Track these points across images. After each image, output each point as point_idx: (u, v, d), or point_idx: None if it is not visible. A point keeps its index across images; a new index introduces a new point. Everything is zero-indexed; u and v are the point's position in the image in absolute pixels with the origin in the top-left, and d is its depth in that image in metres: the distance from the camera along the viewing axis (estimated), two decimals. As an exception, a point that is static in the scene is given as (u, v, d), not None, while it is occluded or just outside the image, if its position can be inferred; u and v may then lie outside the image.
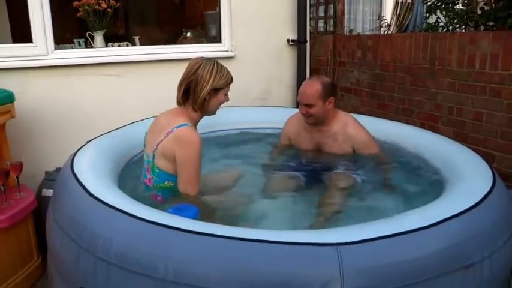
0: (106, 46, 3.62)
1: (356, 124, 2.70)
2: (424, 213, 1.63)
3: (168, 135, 2.08)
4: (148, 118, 2.76)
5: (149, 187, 2.21)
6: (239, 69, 3.81)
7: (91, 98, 3.33)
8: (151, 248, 1.47)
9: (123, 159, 2.50)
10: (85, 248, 1.59)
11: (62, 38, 3.66)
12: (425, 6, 4.88)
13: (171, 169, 2.12)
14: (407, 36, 3.60)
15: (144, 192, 2.21)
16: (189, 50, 3.71)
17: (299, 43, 4.00)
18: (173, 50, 3.66)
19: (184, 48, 3.78)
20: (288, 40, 4.03)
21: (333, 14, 6.79)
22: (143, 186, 2.24)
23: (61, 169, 2.22)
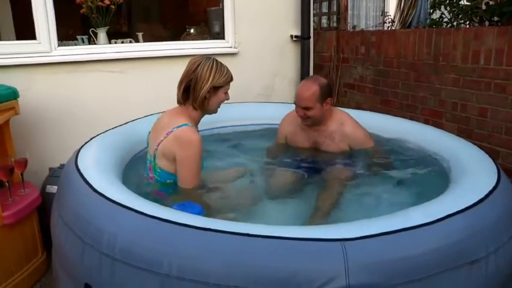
0: (109, 43, 3.62)
1: (352, 122, 2.68)
2: (429, 209, 1.62)
3: (168, 135, 2.10)
4: (152, 114, 2.77)
5: (152, 184, 2.22)
6: (242, 65, 3.83)
7: (94, 95, 3.33)
8: (155, 244, 1.47)
9: (127, 155, 2.50)
10: (90, 244, 1.59)
11: (66, 35, 3.65)
12: (429, 1, 4.85)
13: (172, 169, 2.13)
14: (411, 32, 3.59)
15: (147, 188, 2.22)
16: (193, 47, 3.71)
17: (302, 39, 3.99)
18: (176, 47, 3.65)
19: (187, 44, 3.77)
20: (292, 36, 4.02)
21: (336, 10, 6.80)
22: (146, 182, 2.26)
23: (65, 165, 2.22)
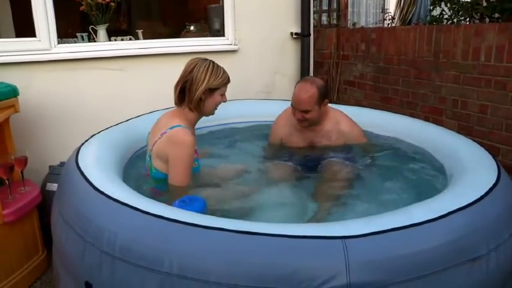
0: (109, 40, 3.61)
1: (348, 120, 2.69)
2: (430, 206, 1.62)
3: (162, 136, 2.13)
4: (152, 112, 2.77)
5: (148, 181, 2.26)
6: (243, 62, 3.83)
7: (94, 92, 3.32)
8: (156, 242, 1.47)
9: (127, 152, 2.50)
10: (90, 242, 1.59)
11: (65, 33, 3.65)
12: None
13: (166, 169, 2.15)
14: (411, 29, 3.58)
15: (144, 185, 2.24)
16: (192, 44, 3.70)
17: (303, 36, 3.98)
18: (176, 44, 3.64)
19: (187, 41, 3.76)
20: (292, 33, 4.01)
21: (337, 7, 6.77)
22: (143, 180, 2.29)
23: (66, 163, 2.22)
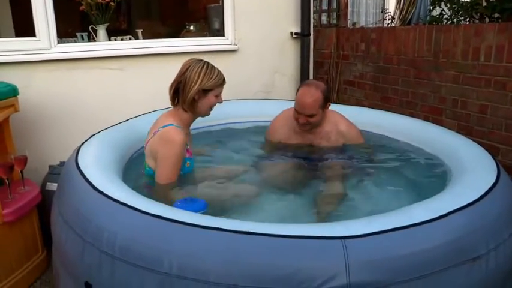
0: (109, 40, 3.61)
1: (345, 121, 2.72)
2: (429, 206, 1.62)
3: (155, 135, 2.16)
4: (152, 112, 2.77)
5: (142, 177, 2.30)
6: (242, 62, 3.83)
7: (94, 92, 3.32)
8: (155, 242, 1.47)
9: (127, 152, 2.50)
10: (90, 242, 1.58)
11: (65, 32, 3.65)
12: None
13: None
14: (411, 29, 3.58)
15: (140, 182, 2.27)
16: (192, 44, 3.70)
17: (302, 36, 3.98)
18: (176, 44, 3.64)
19: (187, 41, 3.76)
20: (292, 33, 4.01)
21: (336, 7, 6.77)
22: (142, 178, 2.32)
23: (65, 163, 2.22)
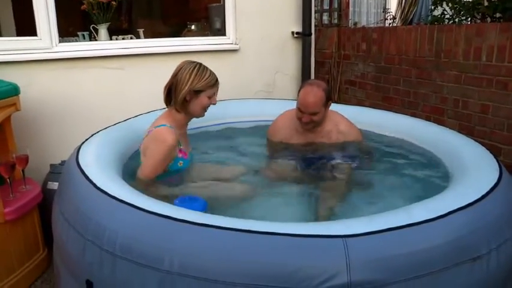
0: (110, 39, 3.61)
1: (346, 120, 2.75)
2: (431, 205, 1.62)
3: (149, 134, 2.22)
4: (152, 111, 2.77)
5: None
6: (243, 61, 3.83)
7: (95, 91, 3.32)
8: (156, 240, 1.47)
9: (127, 151, 2.50)
10: (91, 241, 1.59)
11: (66, 31, 3.65)
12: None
13: None
14: (412, 28, 3.58)
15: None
16: (194, 43, 3.70)
17: (304, 36, 3.98)
18: (177, 43, 3.64)
19: (188, 41, 3.76)
20: (293, 33, 4.01)
21: (338, 7, 6.78)
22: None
23: (66, 162, 2.23)
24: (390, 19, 7.00)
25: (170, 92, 2.27)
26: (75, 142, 2.40)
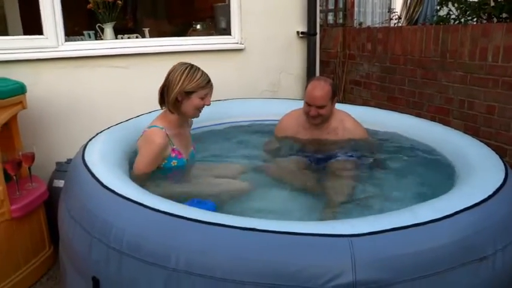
0: (116, 38, 3.62)
1: (351, 118, 2.80)
2: (436, 205, 1.62)
3: (142, 133, 2.29)
4: (157, 110, 2.77)
5: None
6: (249, 61, 3.84)
7: (101, 90, 3.34)
8: (163, 238, 1.48)
9: (132, 150, 2.51)
10: (97, 238, 1.60)
11: (72, 30, 3.66)
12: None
13: None
14: (418, 28, 3.57)
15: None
16: (199, 42, 3.71)
17: (309, 35, 3.98)
18: (183, 42, 3.65)
19: (193, 40, 3.77)
20: (298, 32, 4.01)
21: (343, 7, 6.77)
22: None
23: (72, 160, 2.24)
24: (395, 19, 6.98)
25: (162, 94, 2.32)
26: (80, 140, 2.41)
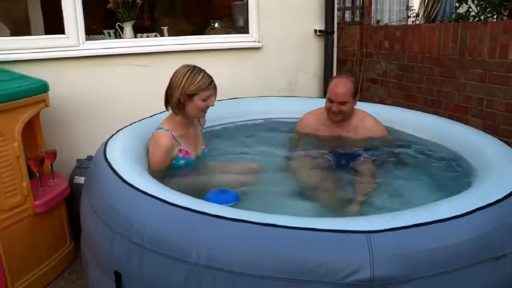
0: (135, 37, 3.66)
1: (372, 117, 2.84)
2: (455, 203, 1.62)
3: (152, 135, 2.36)
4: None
5: None
6: (266, 59, 3.85)
7: (121, 88, 3.38)
8: (184, 233, 1.50)
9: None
10: (119, 233, 1.63)
11: (92, 29, 3.71)
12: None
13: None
14: (436, 26, 3.55)
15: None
16: (217, 41, 3.72)
17: (326, 33, 3.97)
18: (201, 41, 3.66)
19: (212, 38, 3.78)
20: (316, 30, 4.00)
21: (360, 5, 6.74)
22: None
23: (94, 157, 2.28)
24: (413, 17, 6.92)
25: (168, 96, 2.38)
26: (100, 138, 2.46)
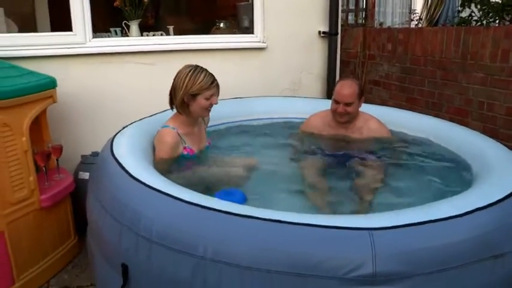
0: (141, 35, 3.70)
1: (376, 119, 2.89)
2: (456, 202, 1.66)
3: (157, 132, 2.45)
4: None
5: None
6: (271, 60, 3.88)
7: (126, 85, 3.41)
8: (191, 228, 1.54)
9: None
10: (127, 227, 1.67)
11: (98, 27, 3.74)
12: (458, -1, 4.81)
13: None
14: (439, 30, 3.58)
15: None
16: (222, 41, 3.76)
17: (330, 35, 4.01)
18: (206, 40, 3.70)
19: (217, 38, 3.82)
20: (320, 32, 4.04)
21: (364, 7, 6.77)
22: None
23: (100, 152, 2.32)
24: (416, 20, 6.95)
25: (171, 96, 2.44)
26: (105, 134, 2.49)
